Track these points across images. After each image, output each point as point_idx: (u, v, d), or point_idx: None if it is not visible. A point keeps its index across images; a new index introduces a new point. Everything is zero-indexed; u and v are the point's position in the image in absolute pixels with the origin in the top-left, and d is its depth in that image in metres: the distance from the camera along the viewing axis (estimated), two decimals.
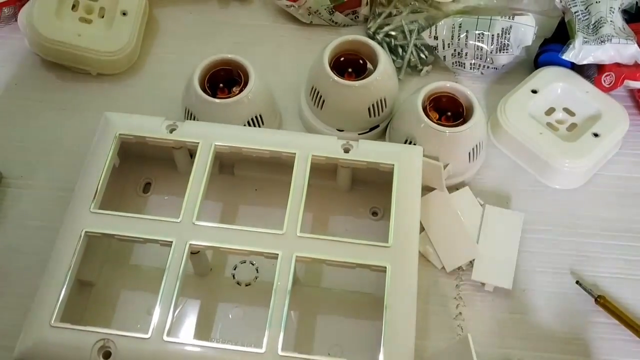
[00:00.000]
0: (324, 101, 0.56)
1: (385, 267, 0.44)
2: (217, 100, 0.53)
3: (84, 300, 0.49)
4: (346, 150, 0.50)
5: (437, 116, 0.55)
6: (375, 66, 0.55)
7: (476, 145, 0.54)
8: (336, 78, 0.54)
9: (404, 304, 0.43)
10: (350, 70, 0.57)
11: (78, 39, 0.61)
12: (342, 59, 0.57)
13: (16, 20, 0.63)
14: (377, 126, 0.58)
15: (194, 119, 0.55)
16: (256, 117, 0.55)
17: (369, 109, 0.56)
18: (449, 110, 0.55)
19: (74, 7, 0.62)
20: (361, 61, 0.57)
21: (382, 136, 0.59)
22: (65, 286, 0.43)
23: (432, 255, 0.53)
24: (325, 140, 0.51)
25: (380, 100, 0.56)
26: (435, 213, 0.54)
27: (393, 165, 0.49)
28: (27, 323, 0.42)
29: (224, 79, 0.55)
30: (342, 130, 0.58)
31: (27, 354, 0.41)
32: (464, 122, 0.53)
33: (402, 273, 0.44)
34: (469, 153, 0.54)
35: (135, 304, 0.49)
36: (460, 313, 0.51)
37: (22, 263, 0.52)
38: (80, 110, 0.61)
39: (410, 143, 0.54)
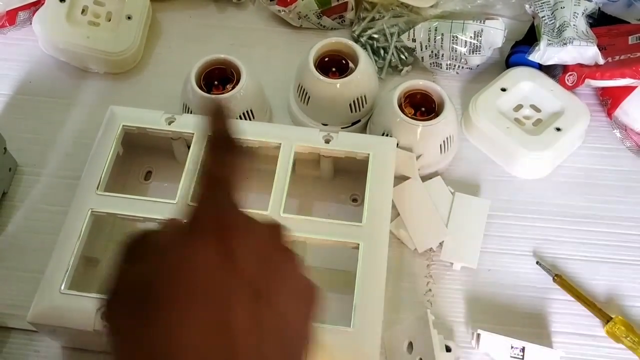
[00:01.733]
0: (309, 97, 0.61)
1: (359, 244, 0.49)
2: (212, 96, 0.58)
3: (90, 275, 0.53)
4: (327, 141, 0.55)
5: (413, 111, 0.60)
6: (356, 66, 0.61)
7: (447, 138, 0.59)
8: (320, 76, 0.59)
9: (374, 276, 0.48)
10: (334, 69, 0.62)
11: (87, 40, 0.66)
12: (326, 59, 0.62)
13: (31, 24, 0.69)
14: (359, 121, 0.64)
15: (190, 113, 0.60)
16: (247, 112, 0.61)
17: (350, 105, 0.61)
18: (423, 106, 0.60)
19: (83, 11, 0.67)
20: (344, 61, 0.62)
21: (363, 130, 0.64)
22: (73, 257, 0.48)
23: (406, 238, 0.58)
24: (308, 132, 0.56)
25: (361, 97, 0.61)
26: (409, 199, 0.59)
27: (369, 154, 0.54)
28: (40, 290, 0.47)
29: (219, 77, 0.61)
30: (326, 125, 0.63)
31: (39, 317, 0.46)
32: (436, 116, 0.58)
33: (373, 249, 0.49)
34: (440, 145, 0.59)
35: None
36: (430, 290, 0.56)
37: (36, 242, 0.57)
38: (88, 106, 0.67)
39: (387, 136, 0.59)
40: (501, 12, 0.71)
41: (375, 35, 0.69)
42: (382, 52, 0.69)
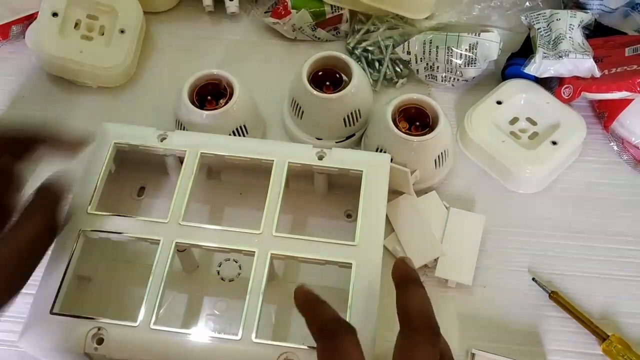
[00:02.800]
0: (303, 112, 0.61)
1: (351, 264, 0.49)
2: (204, 112, 0.58)
3: (82, 294, 0.53)
4: (320, 158, 0.54)
5: (407, 125, 0.59)
6: (350, 79, 0.60)
7: (442, 153, 0.59)
8: (313, 91, 0.59)
9: (367, 296, 0.47)
10: (327, 83, 0.62)
11: (80, 55, 0.66)
12: (320, 73, 0.62)
13: (24, 37, 0.69)
14: (353, 135, 0.63)
15: (183, 129, 0.60)
16: (241, 127, 0.60)
17: (344, 119, 0.61)
18: (417, 120, 0.59)
19: (76, 25, 0.67)
20: (337, 75, 0.62)
21: (358, 144, 0.64)
22: (63, 280, 0.48)
23: (400, 254, 0.57)
24: (301, 148, 0.55)
25: (355, 112, 0.61)
26: (403, 215, 0.58)
27: (362, 171, 0.53)
28: (30, 312, 0.47)
29: (212, 92, 0.60)
30: (320, 139, 0.63)
31: (30, 340, 0.46)
32: (431, 131, 0.58)
33: (366, 269, 0.49)
34: (435, 160, 0.59)
35: (130, 298, 0.54)
36: None
37: None
38: (82, 121, 0.66)
39: (381, 151, 0.59)
40: (497, 24, 0.70)
41: (370, 48, 0.69)
42: (376, 64, 0.68)
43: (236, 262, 0.57)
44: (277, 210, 0.51)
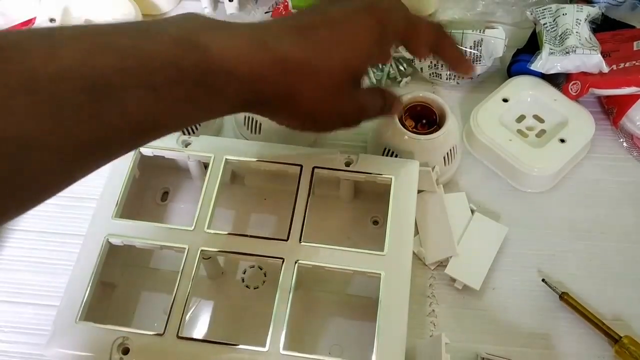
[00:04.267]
0: (260, 124, 0.59)
1: (380, 274, 0.48)
2: None
3: (106, 300, 0.53)
4: (347, 164, 0.53)
5: (413, 124, 0.58)
6: None
7: (451, 149, 0.58)
8: None
9: (396, 307, 0.46)
10: None
11: None
12: None
13: None
14: None
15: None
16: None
17: None
18: (424, 118, 0.58)
19: None
20: None
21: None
22: (89, 288, 0.47)
23: (422, 253, 0.56)
24: (329, 154, 0.54)
25: None
26: (426, 210, 0.57)
27: (391, 178, 0.52)
28: (55, 321, 0.46)
29: None
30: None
31: (55, 349, 0.45)
32: (439, 128, 0.57)
33: (395, 279, 0.47)
34: (444, 157, 0.58)
35: (154, 304, 0.53)
36: (434, 310, 0.54)
37: (50, 269, 0.57)
38: None
39: (389, 152, 0.58)
40: (502, 19, 0.69)
41: None
42: (379, 64, 0.67)
43: (261, 269, 0.55)
44: (304, 218, 0.50)
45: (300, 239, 0.49)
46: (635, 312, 0.54)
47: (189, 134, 0.58)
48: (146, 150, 0.54)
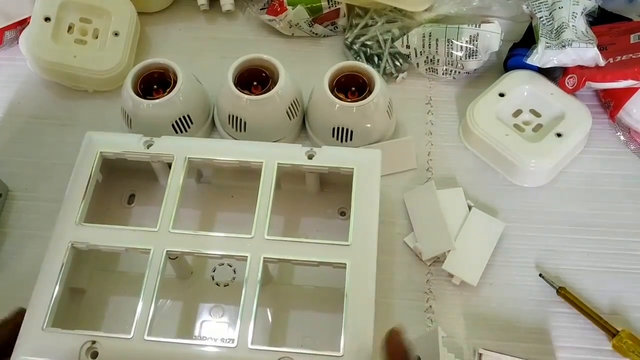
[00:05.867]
0: (245, 123, 0.59)
1: (345, 264, 0.48)
2: (146, 101, 0.57)
3: (76, 306, 0.53)
4: (310, 157, 0.53)
5: (344, 96, 0.59)
6: (277, 79, 0.59)
7: (389, 105, 0.60)
8: (244, 96, 0.57)
9: (363, 295, 0.47)
10: (255, 83, 0.60)
11: (74, 59, 0.65)
12: (246, 74, 0.60)
13: (18, 43, 0.68)
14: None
15: (130, 120, 0.59)
16: (185, 117, 0.59)
17: (287, 113, 0.60)
18: (353, 86, 0.59)
19: (69, 29, 0.66)
20: (264, 74, 0.60)
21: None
22: (54, 294, 0.47)
23: (418, 249, 0.56)
24: (290, 148, 0.54)
25: (294, 102, 0.60)
26: (420, 205, 0.57)
27: (352, 169, 0.52)
28: (22, 329, 0.46)
29: (158, 82, 0.60)
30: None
31: (22, 358, 0.45)
32: (371, 91, 0.58)
33: (360, 268, 0.48)
34: (387, 111, 0.59)
35: (124, 308, 0.53)
36: (431, 306, 0.54)
37: (25, 268, 0.56)
38: (79, 126, 0.66)
39: (337, 129, 0.58)
40: (498, 14, 0.69)
41: (369, 42, 0.67)
42: (375, 59, 0.67)
43: (230, 266, 0.55)
44: (268, 213, 0.50)
45: (265, 234, 0.49)
46: (633, 306, 0.54)
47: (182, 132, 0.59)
48: (107, 153, 0.54)
